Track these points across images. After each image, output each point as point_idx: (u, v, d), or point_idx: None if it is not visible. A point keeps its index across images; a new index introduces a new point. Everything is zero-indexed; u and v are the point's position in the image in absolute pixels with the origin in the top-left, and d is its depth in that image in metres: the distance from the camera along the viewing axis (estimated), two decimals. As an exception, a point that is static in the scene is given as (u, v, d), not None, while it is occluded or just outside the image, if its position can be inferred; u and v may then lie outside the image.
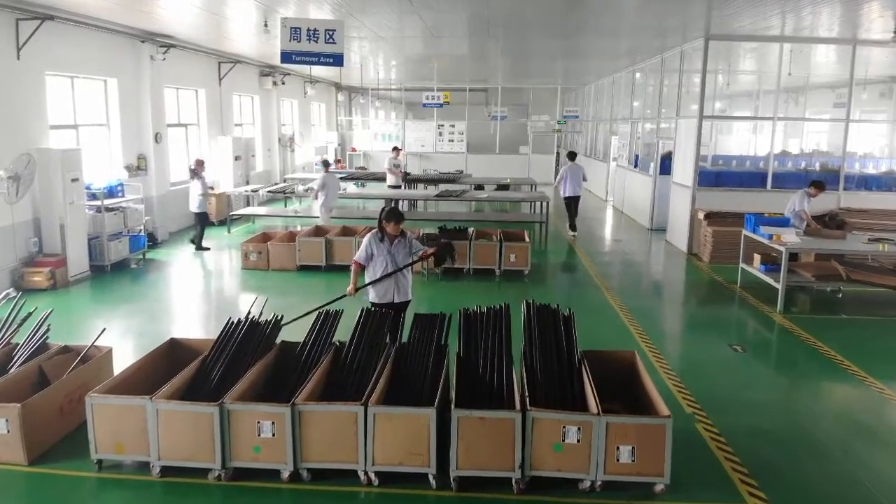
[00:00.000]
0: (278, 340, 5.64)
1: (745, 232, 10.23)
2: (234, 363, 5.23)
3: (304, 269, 10.82)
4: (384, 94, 32.09)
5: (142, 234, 11.79)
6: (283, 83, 20.09)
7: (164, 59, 13.09)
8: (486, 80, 25.68)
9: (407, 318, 6.22)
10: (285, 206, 17.04)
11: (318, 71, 21.40)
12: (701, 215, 12.35)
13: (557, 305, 5.71)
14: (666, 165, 15.37)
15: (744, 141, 24.77)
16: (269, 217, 15.51)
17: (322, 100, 25.99)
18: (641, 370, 5.25)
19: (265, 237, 11.61)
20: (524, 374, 4.99)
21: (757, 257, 9.98)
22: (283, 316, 5.77)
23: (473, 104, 26.42)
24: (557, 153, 28.32)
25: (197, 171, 12.25)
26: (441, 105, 22.13)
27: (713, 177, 13.23)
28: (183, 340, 5.83)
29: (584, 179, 14.71)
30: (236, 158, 16.09)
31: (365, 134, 27.03)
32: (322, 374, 5.06)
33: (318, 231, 11.66)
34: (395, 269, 6.10)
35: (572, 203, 14.51)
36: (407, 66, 20.85)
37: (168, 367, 5.50)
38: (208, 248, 12.39)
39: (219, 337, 5.45)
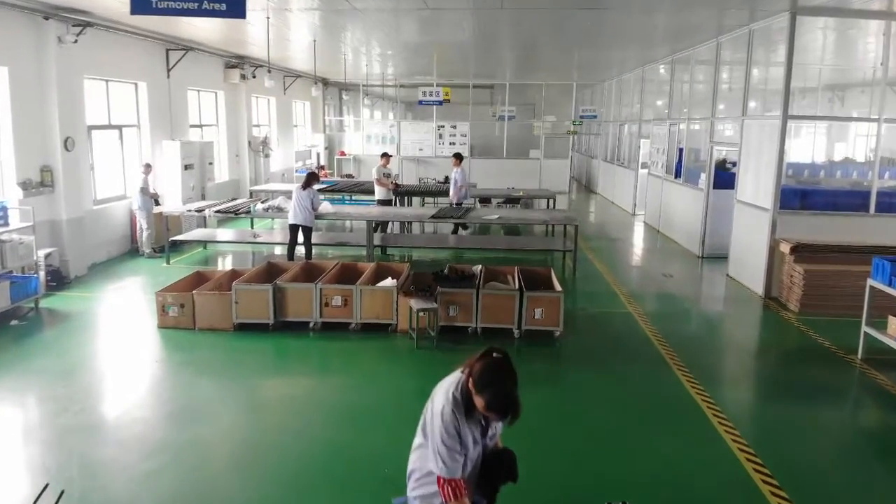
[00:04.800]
0: None
1: (871, 282, 7.10)
2: None
3: (244, 328, 7.73)
4: (379, 92, 29.06)
5: (34, 274, 8.73)
6: (255, 76, 16.99)
7: (77, 41, 10.00)
8: (493, 75, 22.60)
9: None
10: (251, 226, 14.01)
11: (300, 63, 18.33)
12: (785, 248, 9.25)
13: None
14: (721, 177, 12.32)
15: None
16: (218, 242, 12.43)
17: (307, 97, 22.89)
18: None
19: (197, 279, 8.51)
20: None
21: (894, 322, 6.89)
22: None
23: (477, 103, 23.35)
24: (572, 158, 25.26)
25: (310, 183, 10.52)
26: (440, 102, 19.01)
27: (798, 196, 10.10)
28: None
29: None
30: (186, 167, 13.01)
31: (357, 136, 23.93)
32: None
33: (270, 273, 8.57)
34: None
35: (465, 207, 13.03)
36: (403, 57, 17.76)
37: None
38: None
39: None
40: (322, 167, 20.27)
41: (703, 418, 5.76)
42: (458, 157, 13.68)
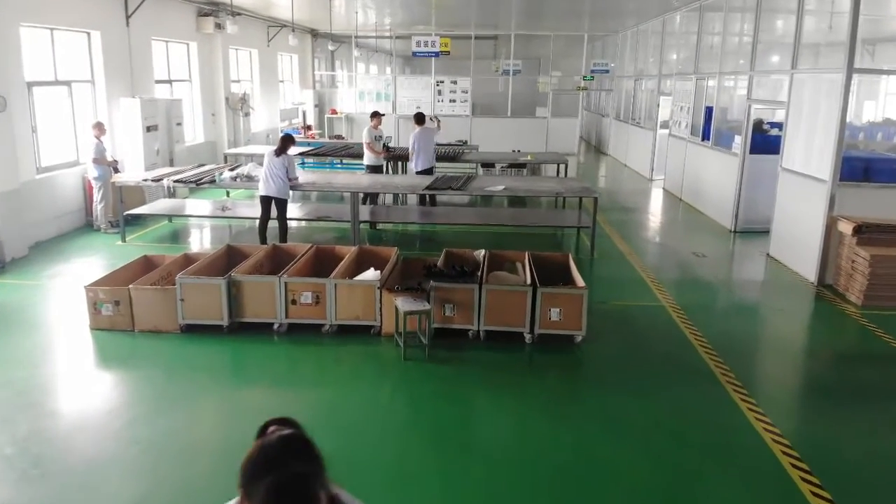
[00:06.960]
0: None
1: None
2: None
3: (192, 330, 6.32)
4: (373, 44, 27.20)
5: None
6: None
7: (2, -22, 8.39)
8: (496, 25, 20.77)
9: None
10: (227, 195, 12.51)
11: (285, 12, 16.52)
12: (846, 228, 7.77)
13: None
14: (757, 141, 10.78)
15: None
16: (185, 215, 10.89)
17: (295, 50, 21.08)
18: None
19: (145, 266, 7.09)
20: None
21: None
22: None
23: (480, 57, 21.54)
24: (583, 115, 23.55)
25: (285, 147, 8.85)
26: (437, 54, 17.26)
27: (861, 166, 8.55)
28: None
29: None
30: (149, 129, 11.45)
31: (350, 93, 22.17)
32: None
33: (229, 259, 7.12)
34: None
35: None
36: (399, 3, 16.04)
37: None
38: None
39: None
40: (308, 127, 18.60)
41: (774, 463, 4.38)
42: (420, 119, 11.59)
